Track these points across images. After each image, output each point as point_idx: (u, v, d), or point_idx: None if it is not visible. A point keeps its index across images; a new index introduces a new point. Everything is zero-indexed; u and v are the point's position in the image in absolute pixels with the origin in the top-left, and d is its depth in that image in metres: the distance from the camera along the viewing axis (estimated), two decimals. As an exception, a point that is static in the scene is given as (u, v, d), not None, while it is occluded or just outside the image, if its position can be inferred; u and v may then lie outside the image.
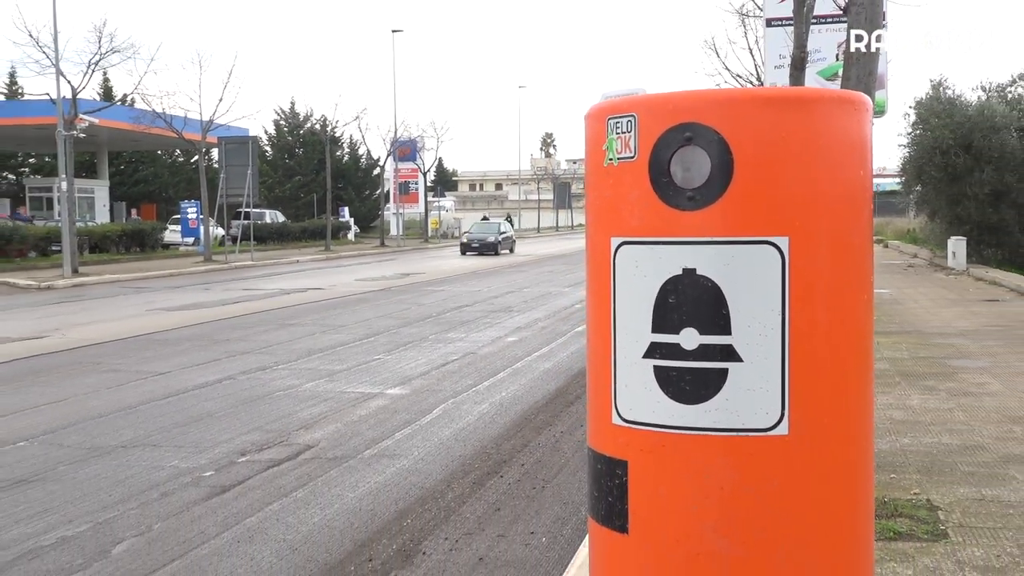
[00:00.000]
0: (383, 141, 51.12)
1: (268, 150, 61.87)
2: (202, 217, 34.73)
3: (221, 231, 38.70)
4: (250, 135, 39.51)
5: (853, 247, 2.28)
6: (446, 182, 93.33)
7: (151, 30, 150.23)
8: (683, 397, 2.21)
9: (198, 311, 17.31)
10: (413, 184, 58.68)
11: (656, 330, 2.23)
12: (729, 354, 2.18)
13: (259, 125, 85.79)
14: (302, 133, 62.91)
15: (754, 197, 2.17)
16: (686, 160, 2.19)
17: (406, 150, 53.25)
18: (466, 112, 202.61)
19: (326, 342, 12.93)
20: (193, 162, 52.39)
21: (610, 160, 2.31)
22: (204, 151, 35.23)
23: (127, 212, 48.77)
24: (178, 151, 56.36)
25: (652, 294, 2.23)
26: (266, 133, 62.86)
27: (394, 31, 54.51)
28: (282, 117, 63.54)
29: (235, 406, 8.76)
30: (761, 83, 20.83)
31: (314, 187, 57.46)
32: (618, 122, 2.28)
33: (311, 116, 63.24)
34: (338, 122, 59.88)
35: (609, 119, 2.31)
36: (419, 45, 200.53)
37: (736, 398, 2.18)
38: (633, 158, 2.25)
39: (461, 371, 10.58)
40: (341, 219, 54.60)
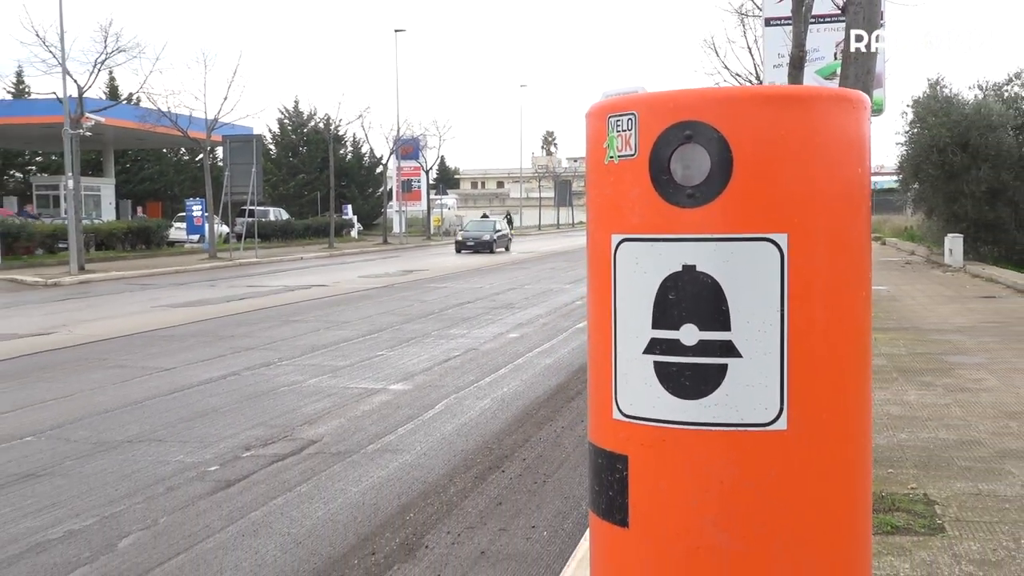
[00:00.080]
0: (386, 139, 51.14)
1: (272, 148, 61.88)
2: (207, 215, 34.73)
3: (226, 228, 38.73)
4: (254, 134, 39.57)
5: (851, 244, 2.28)
6: (448, 180, 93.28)
7: (156, 30, 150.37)
8: (683, 392, 2.21)
9: (203, 308, 17.32)
10: (415, 182, 58.65)
11: (656, 326, 2.23)
12: (729, 350, 2.18)
13: (263, 124, 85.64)
14: (306, 131, 62.90)
15: (753, 194, 2.17)
16: (686, 158, 2.19)
17: (409, 148, 53.25)
18: (468, 111, 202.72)
19: (330, 338, 12.94)
20: (198, 160, 52.36)
21: (611, 158, 2.31)
22: (209, 149, 35.26)
23: (133, 210, 48.81)
24: (183, 149, 56.42)
25: (652, 290, 2.23)
26: (270, 132, 62.93)
27: (397, 31, 54.70)
28: (286, 116, 63.55)
29: (240, 401, 8.77)
30: (760, 82, 20.80)
31: (318, 185, 57.50)
32: (619, 120, 2.28)
33: (315, 115, 63.27)
34: (341, 121, 60.20)
35: (610, 117, 2.30)
36: (421, 44, 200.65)
37: (735, 393, 2.18)
38: (633, 156, 2.25)
39: (463, 367, 10.59)
40: (344, 216, 54.61)
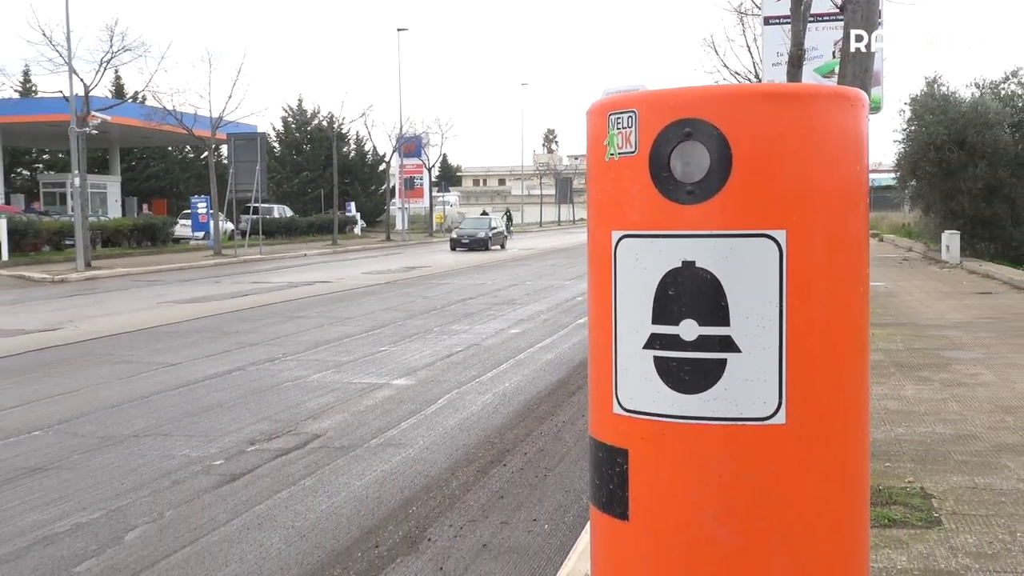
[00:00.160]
0: (389, 137, 51.10)
1: (276, 146, 61.85)
2: (212, 212, 34.76)
3: (230, 225, 38.75)
4: (258, 132, 39.54)
5: (849, 240, 2.28)
6: (450, 178, 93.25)
7: (162, 29, 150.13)
8: (683, 387, 2.21)
9: (208, 304, 17.33)
10: (418, 179, 58.61)
11: (656, 321, 2.23)
12: (728, 345, 2.18)
13: (267, 122, 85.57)
14: (309, 130, 62.88)
15: (752, 191, 2.17)
16: (686, 155, 2.19)
17: (411, 146, 53.23)
18: (470, 109, 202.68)
19: (333, 334, 12.94)
20: (203, 158, 52.26)
21: (611, 155, 2.30)
22: (214, 147, 35.24)
23: (138, 207, 48.85)
24: (188, 147, 56.39)
25: (652, 286, 2.23)
26: (274, 130, 62.89)
27: (399, 30, 54.64)
28: (290, 114, 63.53)
29: (244, 396, 8.78)
30: (759, 80, 20.78)
31: (321, 182, 57.47)
32: (619, 118, 2.28)
33: (318, 113, 63.24)
34: (345, 119, 60.02)
35: (610, 115, 2.30)
36: (424, 44, 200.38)
37: (734, 388, 2.18)
38: (634, 153, 2.25)
39: (465, 362, 10.59)
40: (348, 214, 54.61)
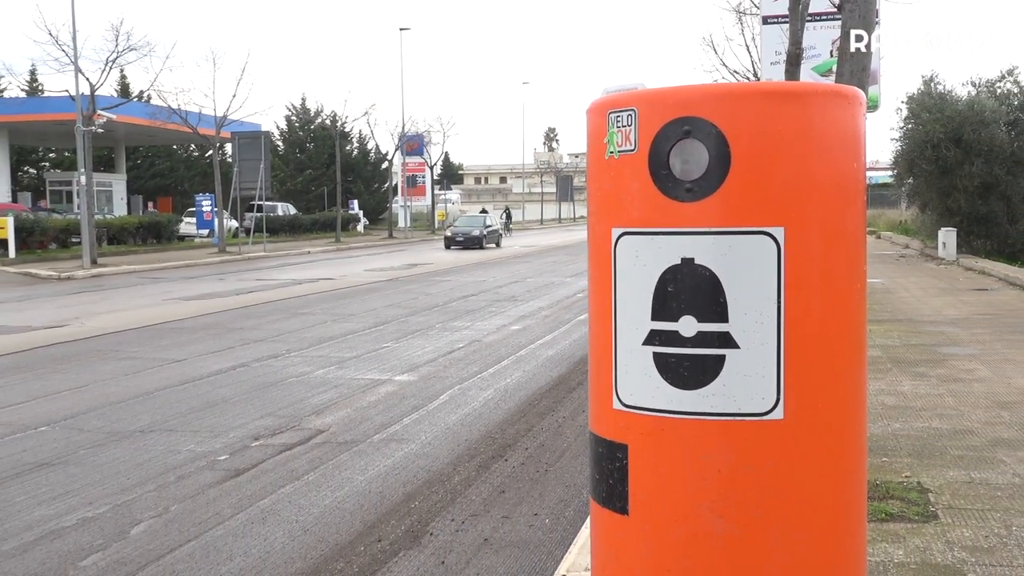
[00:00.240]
0: (391, 136, 51.15)
1: (280, 145, 61.81)
2: (216, 210, 34.75)
3: (235, 223, 38.71)
4: (262, 130, 39.49)
5: (846, 237, 2.27)
6: (452, 176, 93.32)
7: (167, 28, 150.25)
8: (682, 383, 2.21)
9: (213, 300, 17.33)
10: (420, 177, 58.60)
11: (656, 318, 2.23)
12: (726, 341, 2.18)
13: (271, 120, 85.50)
14: (313, 128, 62.83)
15: (751, 189, 2.16)
16: (685, 153, 2.19)
17: (413, 144, 53.23)
18: (471, 108, 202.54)
19: (337, 330, 12.94)
20: (207, 156, 52.38)
21: (611, 153, 2.30)
22: (218, 146, 35.24)
23: (144, 205, 48.80)
24: (193, 146, 56.36)
25: (652, 283, 2.23)
26: (278, 128, 62.83)
27: (402, 29, 54.66)
28: (293, 113, 63.49)
29: (249, 392, 8.78)
30: (758, 79, 20.74)
31: (324, 180, 57.45)
32: (619, 116, 2.28)
33: (321, 112, 63.19)
34: (348, 117, 60.07)
35: (610, 113, 2.30)
36: (426, 43, 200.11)
37: (733, 384, 2.18)
38: (633, 151, 2.25)
39: (467, 358, 10.59)
40: (351, 211, 54.59)
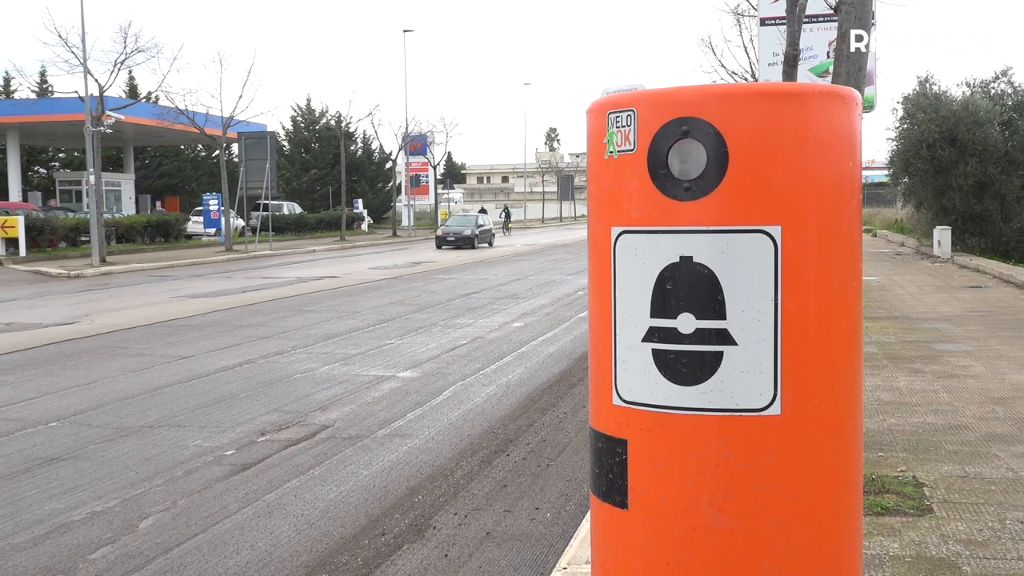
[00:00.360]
0: (395, 136, 51.18)
1: (285, 145, 61.83)
2: (223, 209, 34.77)
3: (241, 222, 38.74)
4: (268, 131, 39.49)
5: (843, 236, 2.27)
6: (455, 175, 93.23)
7: (174, 30, 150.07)
8: (680, 379, 2.21)
9: (220, 298, 17.34)
10: (423, 177, 58.60)
11: (655, 315, 2.23)
12: (724, 338, 2.17)
13: (277, 121, 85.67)
14: (318, 128, 62.86)
15: (748, 188, 2.16)
16: (683, 152, 2.18)
17: (417, 144, 53.20)
18: (474, 108, 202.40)
19: (341, 327, 12.95)
20: (214, 156, 52.38)
21: (611, 153, 2.30)
22: (225, 146, 35.28)
23: (152, 204, 48.85)
24: (200, 146, 56.41)
25: (651, 281, 2.23)
26: (283, 128, 62.89)
27: (405, 31, 54.43)
28: (299, 113, 63.50)
29: (255, 388, 8.78)
30: (756, 80, 20.72)
31: (329, 180, 57.49)
32: (618, 116, 2.27)
33: (326, 112, 63.23)
34: (352, 118, 60.14)
35: (610, 114, 2.30)
36: (429, 44, 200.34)
37: (731, 380, 2.18)
38: (632, 151, 2.24)
39: (469, 355, 10.59)
40: (355, 210, 54.59)
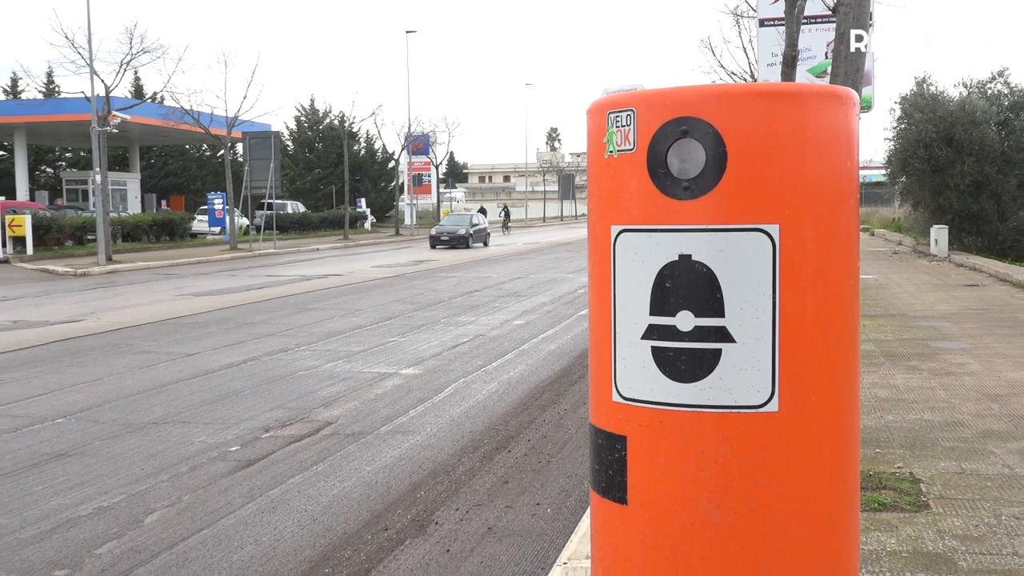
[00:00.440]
0: (397, 136, 51.14)
1: (289, 144, 61.85)
2: (228, 208, 34.78)
3: (246, 221, 38.74)
4: (272, 130, 39.47)
5: (840, 234, 2.27)
6: (457, 174, 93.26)
7: (179, 31, 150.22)
8: (679, 376, 2.21)
9: (224, 296, 17.35)
10: (426, 176, 58.63)
11: (654, 313, 2.23)
12: (723, 335, 2.17)
13: (281, 121, 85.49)
14: (321, 128, 62.86)
15: (747, 187, 2.16)
16: (682, 152, 2.18)
17: (419, 144, 53.21)
18: (476, 108, 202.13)
19: (344, 325, 12.95)
20: (219, 156, 52.43)
21: (610, 152, 2.30)
22: (229, 146, 35.25)
23: (157, 203, 48.87)
24: (205, 146, 56.43)
25: (650, 279, 2.23)
26: (287, 128, 62.91)
27: (408, 32, 54.42)
28: (303, 113, 63.51)
29: (259, 385, 8.79)
30: (755, 80, 20.69)
31: (333, 179, 57.51)
32: (618, 116, 2.27)
33: (330, 112, 63.24)
34: (355, 118, 59.74)
35: (609, 113, 2.30)
36: (432, 45, 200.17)
37: (729, 377, 2.17)
38: (632, 150, 2.24)
39: (471, 352, 10.59)
40: (358, 209, 54.62)
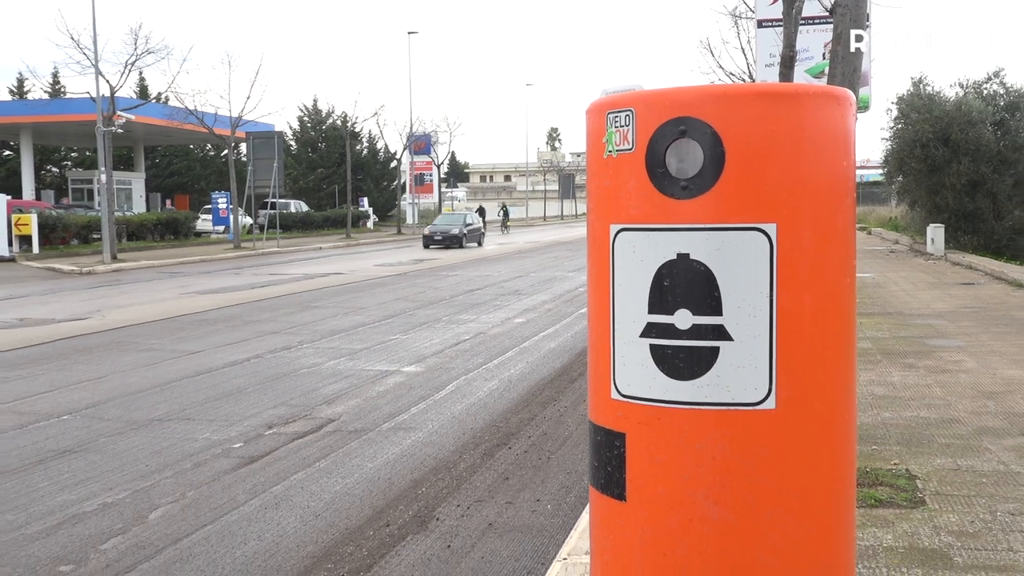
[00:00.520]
0: (399, 136, 51.27)
1: (293, 144, 61.81)
2: (231, 207, 34.78)
3: (249, 220, 38.75)
4: (276, 130, 39.46)
5: (837, 233, 2.27)
6: (458, 174, 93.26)
7: (184, 32, 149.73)
8: (677, 374, 2.21)
9: (228, 294, 17.35)
10: (428, 176, 58.63)
11: (652, 311, 2.23)
12: (720, 334, 2.17)
13: (284, 121, 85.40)
14: (324, 128, 62.81)
15: (744, 186, 2.16)
16: (680, 152, 2.18)
17: (421, 144, 53.22)
18: (477, 108, 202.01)
19: (347, 323, 12.95)
20: (223, 156, 52.35)
21: (610, 152, 2.30)
22: (233, 145, 35.26)
23: (162, 202, 48.85)
24: (209, 145, 56.42)
25: (648, 278, 2.23)
26: (291, 128, 62.84)
27: (410, 33, 54.60)
28: (305, 113, 63.47)
29: (263, 382, 8.79)
30: (753, 81, 20.68)
31: (335, 179, 57.47)
32: (617, 116, 2.27)
33: (332, 112, 63.18)
34: (358, 118, 59.83)
35: (609, 114, 2.29)
36: (433, 46, 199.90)
37: (727, 375, 2.17)
38: (631, 150, 2.24)
39: (472, 350, 10.59)
40: (361, 208, 54.62)
